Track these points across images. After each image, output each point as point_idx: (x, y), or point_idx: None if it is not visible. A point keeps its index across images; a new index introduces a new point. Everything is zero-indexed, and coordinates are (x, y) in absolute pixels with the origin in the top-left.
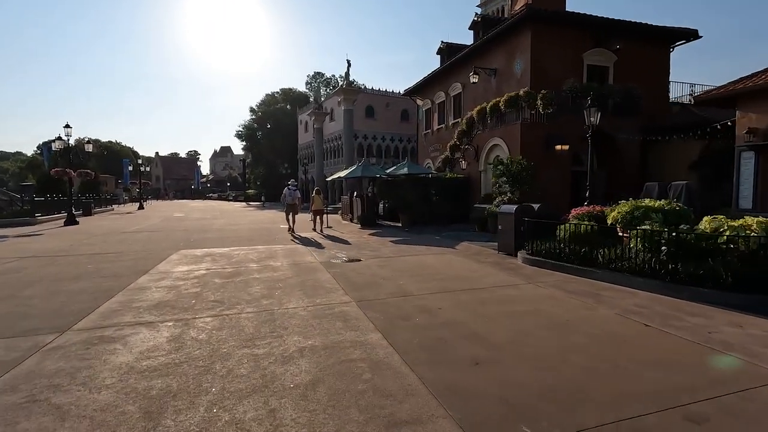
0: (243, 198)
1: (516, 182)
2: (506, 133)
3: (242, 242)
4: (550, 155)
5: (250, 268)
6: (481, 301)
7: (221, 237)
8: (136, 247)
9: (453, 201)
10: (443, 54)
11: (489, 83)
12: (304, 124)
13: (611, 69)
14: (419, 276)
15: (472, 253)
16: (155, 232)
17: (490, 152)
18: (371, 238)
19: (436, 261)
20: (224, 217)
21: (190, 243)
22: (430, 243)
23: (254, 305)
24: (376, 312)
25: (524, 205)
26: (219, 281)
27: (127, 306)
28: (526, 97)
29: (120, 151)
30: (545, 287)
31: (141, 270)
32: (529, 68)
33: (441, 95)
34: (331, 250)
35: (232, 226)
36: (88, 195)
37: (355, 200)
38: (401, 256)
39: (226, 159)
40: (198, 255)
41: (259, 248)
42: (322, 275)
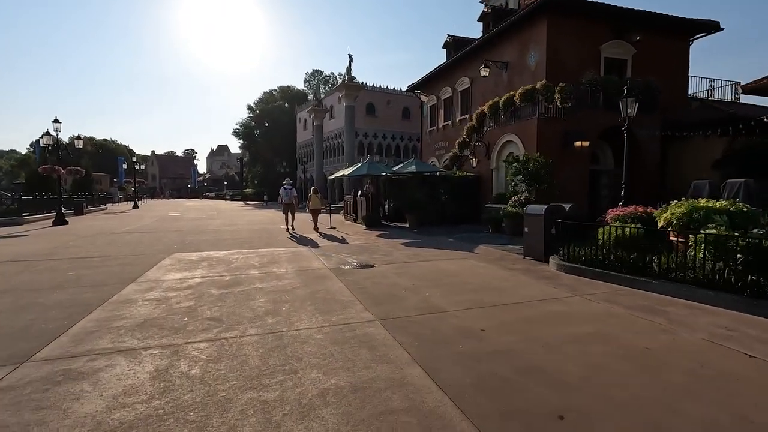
0: (240, 197)
1: (533, 181)
2: (521, 129)
3: (241, 245)
4: (568, 152)
5: (251, 276)
6: (528, 320)
7: (218, 239)
8: (125, 251)
9: (462, 201)
10: (450, 48)
11: (500, 77)
12: (302, 122)
13: (629, 62)
14: (445, 286)
15: (495, 258)
16: (148, 233)
17: (503, 149)
18: (379, 240)
19: (459, 267)
20: (221, 217)
21: (184, 245)
22: (445, 246)
23: (258, 325)
24: (407, 335)
25: (554, 206)
26: (216, 292)
27: (105, 326)
28: (543, 91)
29: (115, 149)
30: (596, 301)
31: (128, 278)
32: (544, 60)
33: (447, 91)
34: (338, 254)
35: (229, 227)
36: (79, 194)
37: (360, 200)
38: (417, 261)
39: (223, 158)
40: (193, 260)
41: (260, 252)
42: (333, 284)
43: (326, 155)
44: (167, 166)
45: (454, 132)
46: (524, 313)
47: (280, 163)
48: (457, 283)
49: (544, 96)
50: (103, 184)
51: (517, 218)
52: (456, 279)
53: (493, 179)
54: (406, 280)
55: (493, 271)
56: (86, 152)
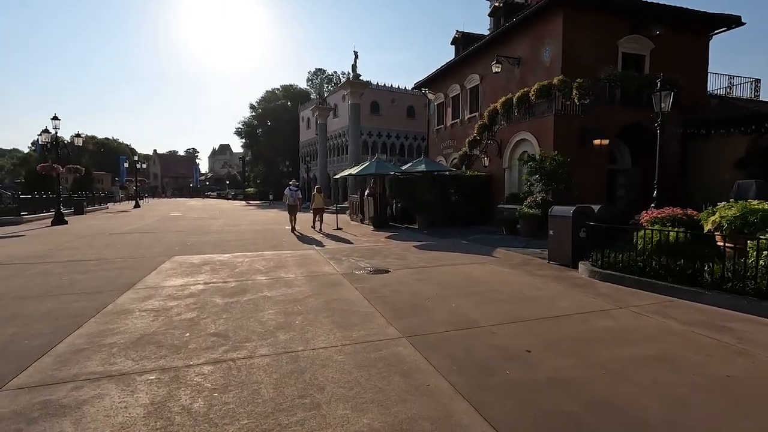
0: (243, 197)
1: (550, 180)
2: (536, 126)
3: (245, 247)
4: (586, 151)
5: (258, 282)
6: (576, 338)
7: (221, 240)
8: (123, 253)
9: (473, 201)
10: (458, 44)
11: (512, 73)
12: (305, 121)
13: (647, 58)
14: (472, 295)
15: (518, 263)
16: (148, 234)
17: (516, 148)
18: (390, 242)
19: (482, 273)
20: (224, 216)
21: (186, 247)
22: (461, 249)
23: (270, 342)
24: (442, 357)
25: (583, 207)
26: (220, 301)
27: (97, 342)
28: (560, 86)
29: (117, 148)
30: (646, 314)
31: (125, 284)
32: (560, 56)
33: (455, 88)
34: (349, 258)
35: (232, 227)
36: (80, 193)
37: (367, 200)
38: (436, 265)
39: (225, 157)
40: (195, 263)
41: (265, 255)
42: (348, 292)
43: (330, 154)
44: (169, 165)
45: (462, 130)
46: (569, 330)
47: (282, 163)
48: (485, 292)
49: (561, 92)
50: (105, 183)
51: (533, 220)
52: (482, 287)
53: (506, 179)
54: (428, 287)
55: (520, 278)
56: (87, 151)
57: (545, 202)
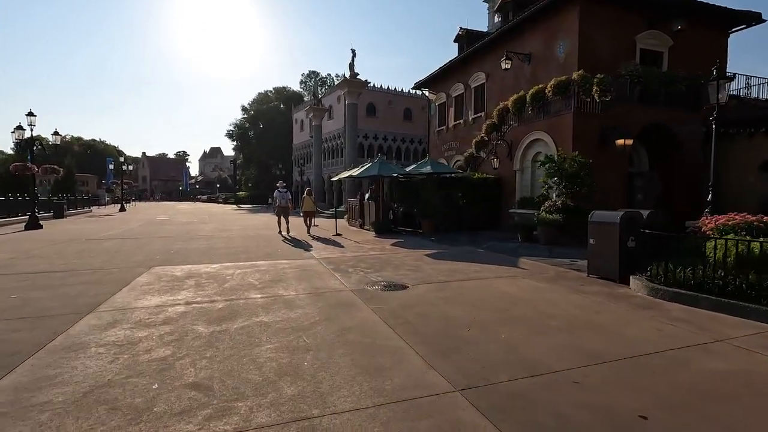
0: (233, 200)
1: (571, 183)
2: (552, 126)
3: (237, 255)
4: (606, 152)
5: (252, 302)
6: (697, 393)
7: (210, 247)
8: (96, 262)
9: (481, 205)
10: (462, 41)
11: (521, 70)
12: (299, 123)
13: (666, 55)
14: (518, 321)
15: (553, 277)
16: (129, 240)
17: (528, 149)
18: (398, 250)
19: (517, 290)
20: (213, 221)
21: (169, 256)
22: (479, 258)
23: (271, 400)
24: (525, 428)
25: (631, 212)
26: (204, 330)
27: (21, 404)
28: (581, 82)
29: (104, 149)
30: (759, 351)
31: (88, 304)
32: (576, 51)
33: (459, 87)
34: (357, 269)
35: (222, 233)
36: (61, 195)
37: (367, 203)
38: (459, 279)
39: (216, 160)
40: (177, 276)
41: (259, 265)
42: (364, 316)
43: (324, 157)
44: (158, 168)
45: (466, 131)
46: (675, 377)
47: (275, 166)
48: (532, 316)
49: (581, 88)
50: (90, 185)
51: (553, 226)
52: (525, 308)
53: (517, 182)
54: (460, 309)
55: (565, 296)
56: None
57: (565, 206)
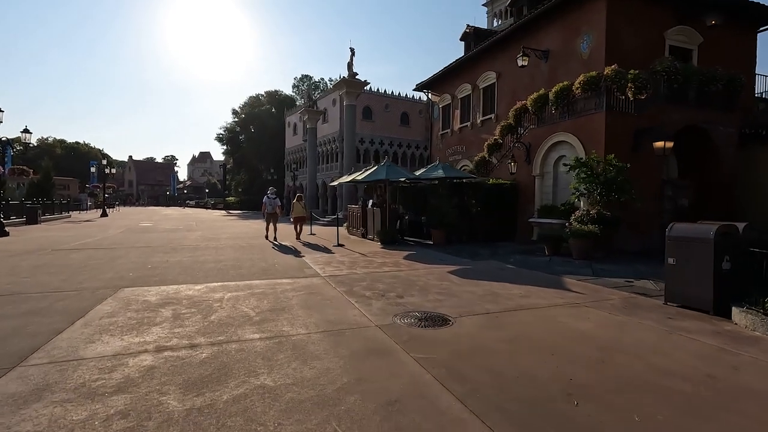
0: (223, 206)
1: (609, 191)
2: (579, 126)
3: (226, 271)
4: (640, 156)
5: (248, 347)
6: None
7: (195, 261)
8: (54, 281)
9: (495, 213)
10: (469, 40)
11: (538, 68)
12: (292, 127)
13: (695, 52)
14: (635, 384)
15: (624, 305)
16: (103, 250)
17: (550, 152)
18: (414, 265)
19: (594, 327)
20: (201, 228)
21: (145, 272)
22: (514, 278)
23: None
24: None
25: (725, 225)
26: (178, 408)
27: None
28: (615, 77)
29: (88, 152)
30: None
31: (14, 352)
32: (602, 46)
33: (466, 88)
34: (376, 292)
35: (210, 242)
36: (35, 199)
37: (372, 211)
38: (507, 308)
39: (205, 165)
40: (151, 302)
41: (255, 286)
42: (411, 373)
43: (318, 162)
44: (145, 172)
45: (473, 134)
46: None
47: (267, 170)
48: (652, 378)
49: (615, 84)
50: (71, 189)
51: (589, 238)
52: (631, 361)
53: (536, 188)
54: (536, 359)
55: (664, 338)
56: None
57: (601, 216)
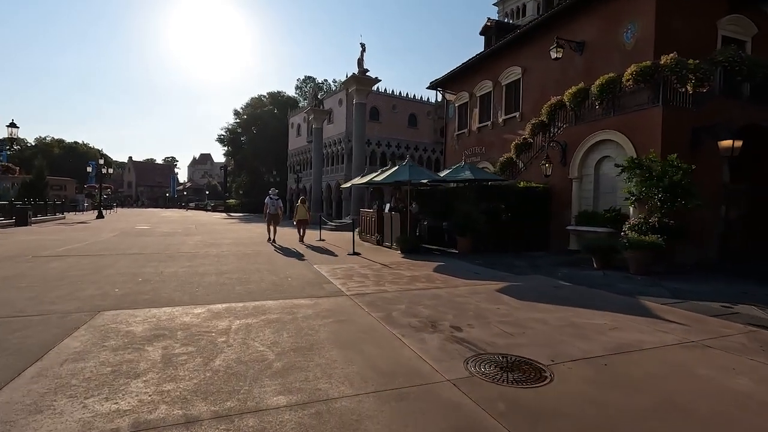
0: (223, 208)
1: (674, 195)
2: (629, 123)
3: (231, 287)
4: (697, 157)
5: (271, 425)
6: None
7: (194, 273)
8: (19, 300)
9: (526, 220)
10: (490, 34)
11: (571, 62)
12: (296, 128)
13: (749, 44)
14: None
15: (755, 344)
16: (90, 257)
17: (591, 152)
18: (451, 280)
19: (754, 385)
20: (201, 232)
21: (134, 287)
22: (581, 300)
23: None
24: None
25: None
26: None
27: None
28: (675, 67)
29: (86, 153)
30: None
31: None
32: (651, 35)
33: (486, 85)
34: (421, 320)
35: (211, 248)
36: (27, 199)
37: (389, 216)
38: (614, 350)
39: (206, 167)
40: (135, 334)
41: (268, 309)
42: None
43: (323, 164)
44: (145, 173)
45: (494, 135)
46: None
47: (269, 172)
48: None
49: (675, 75)
50: (68, 189)
51: (651, 250)
52: None
53: (573, 192)
54: None
55: None
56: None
57: (663, 225)
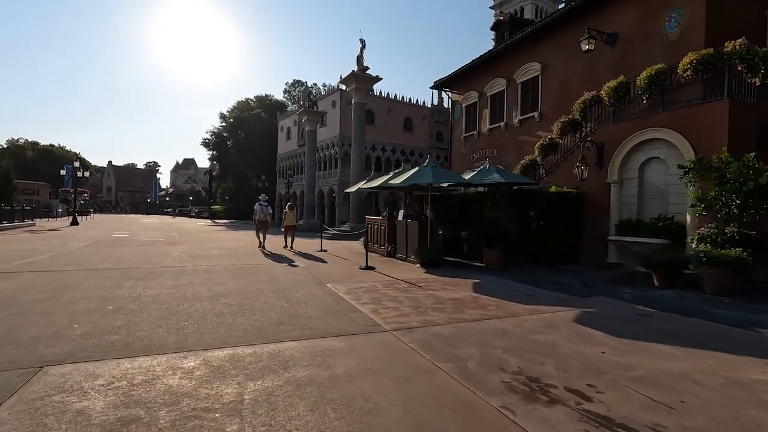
0: (208, 214)
1: (759, 201)
2: (684, 120)
3: (232, 320)
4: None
5: None
6: None
7: (181, 297)
8: None
9: (556, 229)
10: (502, 29)
11: (601, 55)
12: (285, 131)
13: None
14: None
15: None
16: (50, 275)
17: (634, 153)
18: (509, 306)
19: None
20: (186, 240)
21: (100, 322)
22: (694, 335)
23: None
24: None
25: None
26: None
27: None
28: (745, 54)
29: (63, 156)
30: None
31: None
32: (702, 23)
33: (499, 83)
34: (520, 380)
35: (199, 261)
36: None
37: (405, 224)
38: None
39: (190, 172)
40: (91, 420)
41: (290, 357)
42: None
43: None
44: (126, 178)
45: (508, 136)
46: None
47: (256, 177)
48: None
49: (745, 63)
50: (41, 194)
51: (733, 266)
52: None
53: (612, 198)
54: None
55: None
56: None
57: (744, 236)
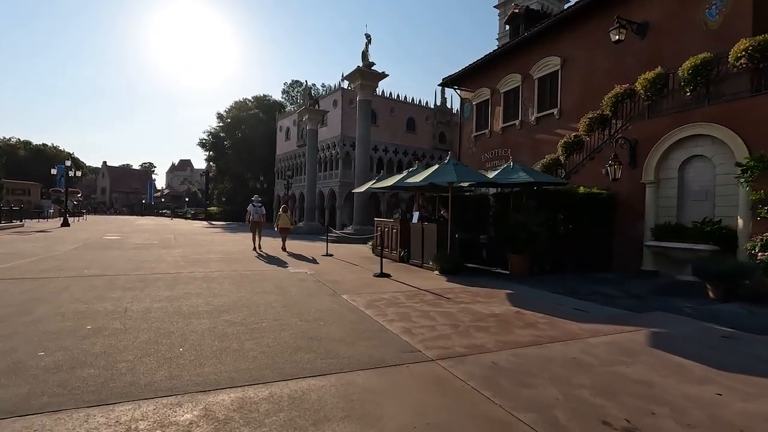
0: (204, 216)
1: None
2: (734, 114)
3: (238, 344)
4: None
5: None
6: None
7: (175, 312)
8: None
9: (585, 233)
10: (517, 22)
11: (629, 47)
12: (284, 132)
13: None
14: None
15: None
16: (28, 282)
17: (673, 151)
18: (560, 324)
19: None
20: (182, 243)
21: (75, 348)
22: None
23: None
24: None
25: None
26: None
27: None
28: None
29: (56, 156)
30: None
31: None
32: (749, 10)
33: (512, 79)
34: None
35: (197, 267)
36: None
37: (420, 227)
38: None
39: (186, 173)
40: None
41: (317, 402)
42: None
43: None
44: (121, 179)
45: (524, 135)
46: None
47: (254, 178)
48: None
49: None
50: (32, 194)
51: None
52: None
53: (647, 200)
54: None
55: None
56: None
57: None
